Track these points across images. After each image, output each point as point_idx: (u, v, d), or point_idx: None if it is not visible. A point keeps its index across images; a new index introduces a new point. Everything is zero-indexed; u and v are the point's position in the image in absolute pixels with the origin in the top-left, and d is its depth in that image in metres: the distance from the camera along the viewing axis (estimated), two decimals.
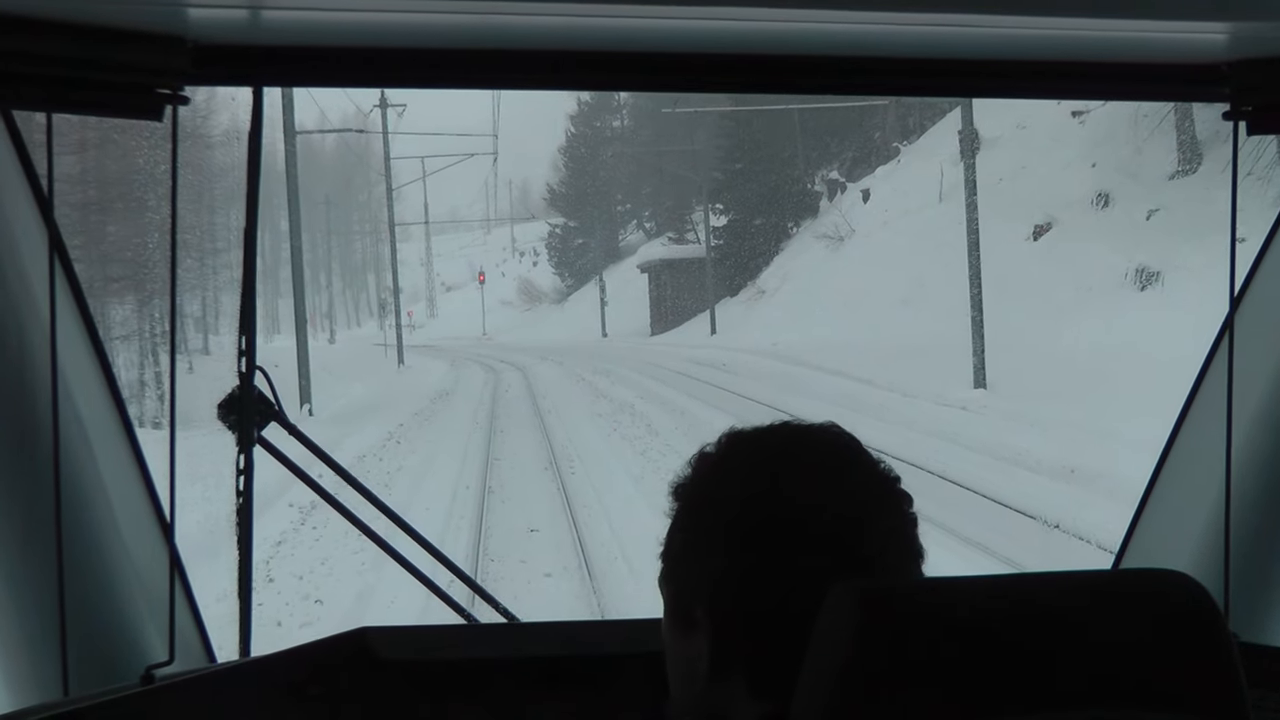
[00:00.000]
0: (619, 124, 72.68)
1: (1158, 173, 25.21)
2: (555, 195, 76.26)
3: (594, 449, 15.55)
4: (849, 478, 1.08)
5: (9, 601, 1.51)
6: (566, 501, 11.95)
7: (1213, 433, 1.64)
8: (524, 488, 12.95)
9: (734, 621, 1.05)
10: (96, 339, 1.59)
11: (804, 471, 1.07)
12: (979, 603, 0.89)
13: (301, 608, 8.30)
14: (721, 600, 1.05)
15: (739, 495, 1.07)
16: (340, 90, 11.66)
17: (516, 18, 1.22)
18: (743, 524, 1.05)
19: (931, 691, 0.84)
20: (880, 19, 1.25)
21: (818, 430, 1.12)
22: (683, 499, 1.12)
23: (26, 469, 1.46)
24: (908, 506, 1.09)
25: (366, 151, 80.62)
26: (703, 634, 1.07)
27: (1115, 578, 1.03)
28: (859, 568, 1.03)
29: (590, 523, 10.80)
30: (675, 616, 1.11)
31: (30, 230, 1.46)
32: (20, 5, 1.14)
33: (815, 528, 1.04)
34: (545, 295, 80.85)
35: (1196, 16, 1.27)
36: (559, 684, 1.72)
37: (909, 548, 1.08)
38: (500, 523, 11.12)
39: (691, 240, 52.55)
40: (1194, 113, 23.35)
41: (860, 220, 36.27)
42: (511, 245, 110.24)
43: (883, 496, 1.08)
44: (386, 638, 1.73)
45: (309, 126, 45.49)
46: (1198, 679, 0.87)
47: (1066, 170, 28.00)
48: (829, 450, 1.10)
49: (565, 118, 75.18)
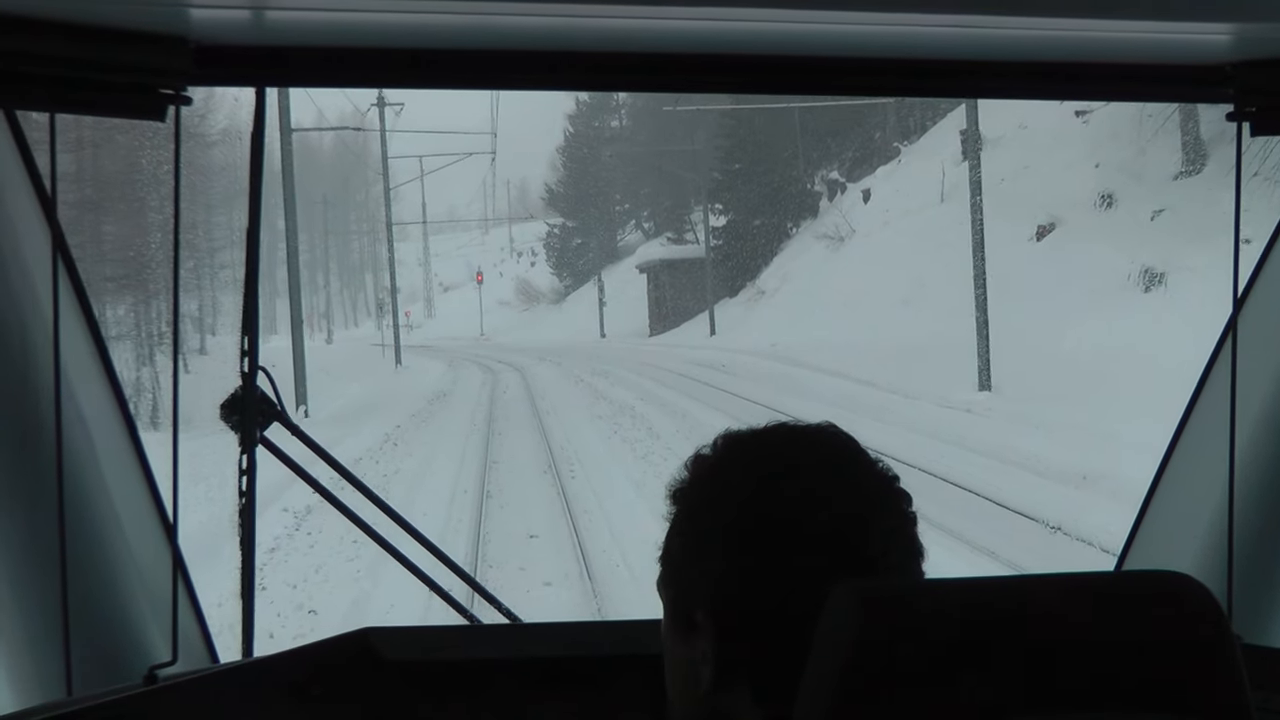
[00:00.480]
0: (617, 124, 72.59)
1: (1162, 173, 25.09)
2: (554, 195, 76.15)
3: (594, 452, 15.34)
4: (849, 477, 1.07)
5: (12, 601, 1.52)
6: (566, 506, 11.74)
7: (1216, 434, 1.64)
8: (523, 492, 12.73)
9: (736, 624, 1.04)
10: (99, 338, 1.60)
11: (803, 471, 1.06)
12: (981, 604, 0.88)
13: (295, 619, 8.08)
14: (723, 603, 1.05)
15: (738, 497, 1.06)
16: (338, 89, 11.84)
17: (521, 19, 1.22)
18: (742, 525, 1.05)
19: (933, 693, 0.83)
20: (883, 20, 1.25)
21: (815, 430, 1.12)
22: (681, 502, 1.12)
23: (29, 469, 1.46)
24: (907, 505, 1.09)
25: (364, 151, 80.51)
26: (704, 637, 1.06)
27: (1118, 579, 1.02)
28: (862, 567, 1.02)
29: (591, 528, 10.59)
30: (675, 620, 1.10)
31: (33, 229, 1.47)
32: (23, 6, 1.15)
33: (816, 528, 1.03)
34: (543, 296, 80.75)
35: (1200, 18, 1.26)
36: (561, 684, 1.73)
37: (910, 546, 1.07)
38: (499, 528, 10.91)
39: (691, 241, 52.41)
40: (1199, 113, 23.17)
41: (861, 220, 36.09)
42: (509, 245, 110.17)
43: (883, 495, 1.08)
44: (389, 638, 1.73)
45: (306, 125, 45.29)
46: (1201, 681, 0.87)
47: (1069, 170, 27.87)
48: (828, 450, 1.10)
49: (564, 117, 75.21)
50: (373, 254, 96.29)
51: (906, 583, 1.03)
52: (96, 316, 1.62)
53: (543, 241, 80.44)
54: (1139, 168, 26.11)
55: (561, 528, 10.84)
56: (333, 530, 9.99)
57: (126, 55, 1.22)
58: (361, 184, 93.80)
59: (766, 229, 43.53)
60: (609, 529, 10.48)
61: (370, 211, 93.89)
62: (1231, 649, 0.88)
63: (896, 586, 0.97)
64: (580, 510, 11.49)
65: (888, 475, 1.09)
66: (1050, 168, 28.15)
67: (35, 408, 1.45)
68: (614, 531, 10.34)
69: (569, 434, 17.27)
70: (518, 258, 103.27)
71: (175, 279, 1.59)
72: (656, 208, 65.45)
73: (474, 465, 14.56)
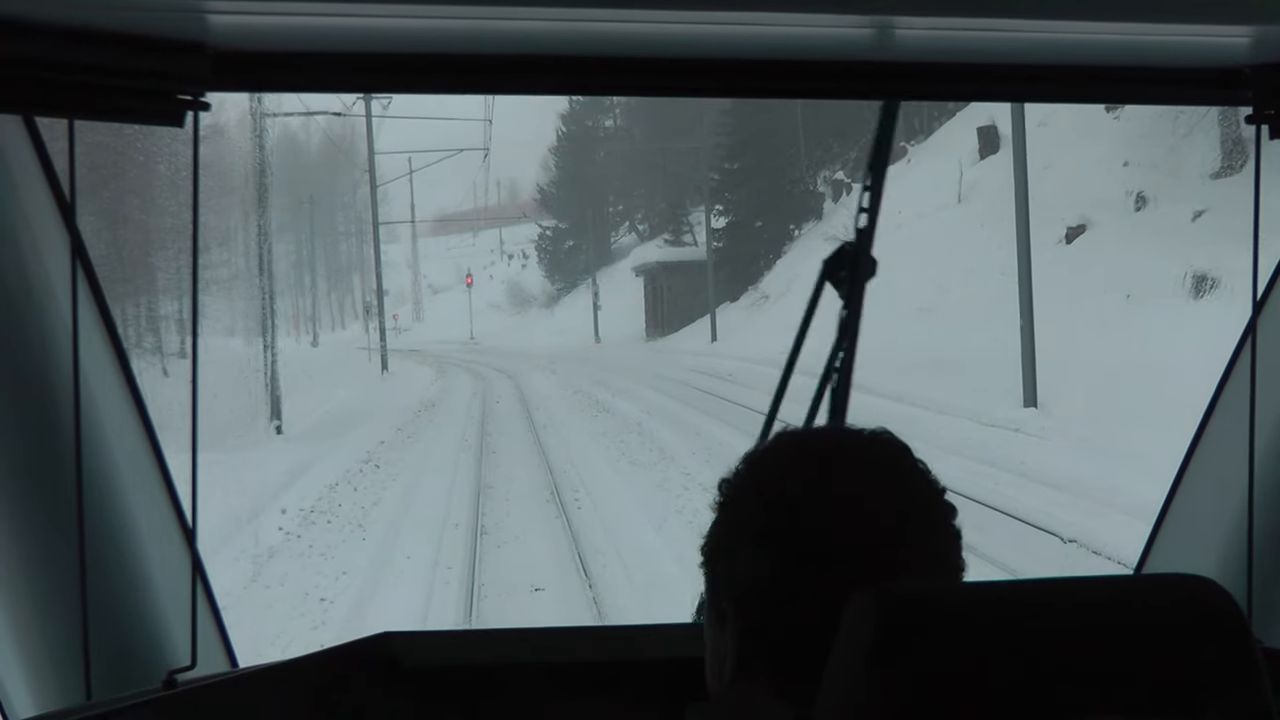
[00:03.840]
0: (611, 123, 71.09)
1: (1198, 171, 23.83)
2: (546, 196, 74.75)
3: (601, 477, 13.62)
4: (891, 486, 1.06)
5: (32, 606, 1.51)
6: (575, 548, 10.01)
7: (1236, 438, 1.63)
8: (523, 527, 11.00)
9: (758, 620, 1.04)
10: (118, 343, 1.59)
11: (845, 478, 1.05)
12: (1000, 607, 0.89)
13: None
14: (749, 598, 1.05)
15: (776, 496, 1.06)
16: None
17: (547, 23, 1.23)
18: (775, 525, 1.04)
19: (953, 696, 0.83)
20: (900, 23, 1.24)
21: (868, 436, 1.11)
22: (727, 492, 1.12)
23: (49, 474, 1.47)
24: (951, 518, 1.07)
25: (352, 150, 78.90)
26: (730, 628, 1.06)
27: (1138, 583, 1.06)
28: (894, 571, 1.01)
29: (608, 581, 8.86)
30: (711, 608, 1.11)
31: (52, 235, 1.47)
32: (41, 13, 1.16)
33: (847, 535, 1.02)
34: (534, 299, 79.30)
35: (1219, 20, 1.26)
36: (581, 689, 1.71)
37: (947, 564, 1.06)
38: (496, 577, 9.19)
39: (689, 242, 50.91)
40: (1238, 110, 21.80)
41: None
42: (500, 247, 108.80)
43: (926, 508, 1.06)
44: (408, 642, 1.72)
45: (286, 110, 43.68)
46: (1221, 685, 0.86)
47: (1096, 168, 26.53)
48: (875, 457, 1.09)
49: (556, 117, 73.71)
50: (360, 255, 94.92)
51: (926, 586, 1.00)
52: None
53: (534, 243, 79.17)
54: (1172, 166, 24.84)
55: (571, 578, 9.11)
56: (294, 586, 8.26)
57: (145, 62, 1.23)
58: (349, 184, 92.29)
59: (768, 231, 42.31)
60: (629, 581, 8.76)
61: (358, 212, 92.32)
62: (1252, 653, 0.87)
63: (917, 589, 0.94)
64: (592, 552, 9.80)
65: (936, 487, 1.07)
66: (1074, 166, 26.72)
67: (55, 412, 1.45)
68: (635, 582, 8.63)
69: (571, 455, 15.54)
70: (508, 260, 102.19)
71: (194, 285, 1.62)
72: (651, 209, 64.22)
73: (465, 493, 12.81)
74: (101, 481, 1.50)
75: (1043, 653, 0.84)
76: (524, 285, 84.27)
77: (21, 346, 1.43)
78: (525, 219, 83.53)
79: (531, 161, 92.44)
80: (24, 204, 1.41)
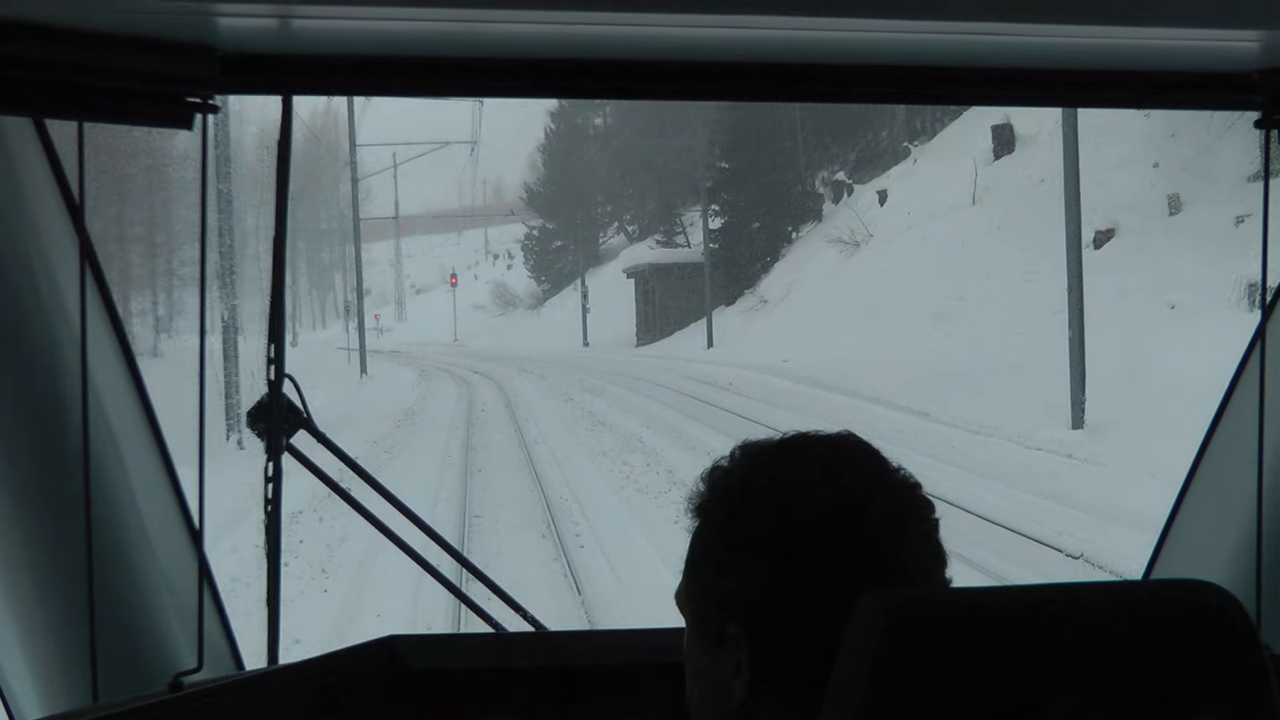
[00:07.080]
0: (601, 122, 69.45)
1: (1235, 174, 22.38)
2: (533, 195, 73.07)
3: (605, 507, 11.93)
4: (881, 483, 1.07)
5: (39, 608, 1.51)
6: (583, 607, 8.32)
7: (1245, 443, 1.63)
8: (517, 570, 9.29)
9: (772, 635, 1.02)
10: (126, 346, 1.59)
11: (838, 478, 1.05)
12: (1007, 613, 0.88)
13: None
14: (758, 614, 1.03)
15: (772, 505, 1.04)
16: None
17: (563, 26, 1.23)
18: (779, 534, 1.03)
19: (960, 702, 0.83)
20: (907, 27, 1.24)
21: (839, 438, 1.10)
22: (706, 516, 1.10)
23: (56, 476, 1.47)
24: (931, 512, 1.08)
25: (336, 145, 77.04)
26: (738, 649, 1.04)
27: (1146, 588, 1.07)
28: (896, 573, 1.01)
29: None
30: (704, 634, 1.09)
31: (61, 238, 1.48)
32: (51, 16, 1.16)
33: (853, 534, 1.02)
34: (520, 300, 77.63)
35: (1228, 25, 1.27)
36: (587, 693, 1.70)
37: (938, 551, 1.07)
38: None
39: (682, 244, 49.26)
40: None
41: (878, 224, 32.91)
42: (485, 247, 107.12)
43: (913, 502, 1.07)
44: (414, 645, 1.73)
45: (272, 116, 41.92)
46: (1230, 690, 0.86)
47: (1122, 170, 25.07)
48: (857, 457, 1.08)
49: (545, 115, 72.03)
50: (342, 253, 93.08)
51: (933, 592, 1.01)
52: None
53: (520, 243, 77.53)
54: (1205, 168, 23.38)
55: None
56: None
57: (154, 64, 1.23)
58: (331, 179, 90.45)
59: (765, 232, 40.91)
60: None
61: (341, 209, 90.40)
62: (1260, 658, 0.87)
63: (923, 596, 0.94)
64: (598, 605, 8.14)
65: (910, 481, 1.08)
66: (1098, 167, 25.10)
67: (63, 415, 1.45)
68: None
69: (568, 477, 13.84)
70: (493, 260, 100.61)
71: (203, 287, 1.61)
72: (641, 210, 62.62)
73: (449, 526, 11.09)
74: (109, 484, 1.50)
75: (1050, 659, 0.85)
76: (509, 286, 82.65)
77: (30, 349, 1.44)
78: (513, 217, 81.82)
79: (518, 160, 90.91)
80: (33, 206, 1.43)
